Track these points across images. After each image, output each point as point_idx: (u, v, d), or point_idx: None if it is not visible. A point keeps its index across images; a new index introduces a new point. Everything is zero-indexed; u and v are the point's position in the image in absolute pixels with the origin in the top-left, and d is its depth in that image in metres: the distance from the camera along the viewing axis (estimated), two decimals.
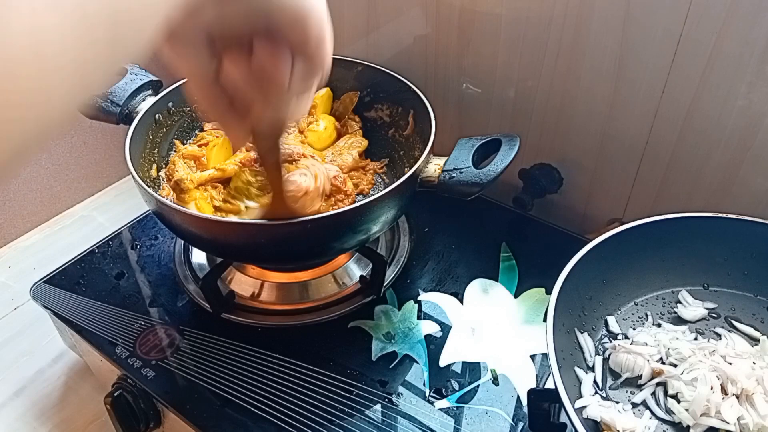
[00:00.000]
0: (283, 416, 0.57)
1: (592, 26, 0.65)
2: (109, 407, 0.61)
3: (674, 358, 0.55)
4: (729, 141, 0.64)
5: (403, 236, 0.76)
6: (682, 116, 0.65)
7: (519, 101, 0.77)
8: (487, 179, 0.58)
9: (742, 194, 0.66)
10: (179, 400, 0.59)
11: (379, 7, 0.81)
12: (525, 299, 0.69)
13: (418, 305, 0.68)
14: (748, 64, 0.59)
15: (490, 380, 0.60)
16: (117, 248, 0.77)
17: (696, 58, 0.61)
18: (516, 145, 0.61)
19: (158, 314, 0.68)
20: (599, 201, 0.78)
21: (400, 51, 0.83)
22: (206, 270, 0.71)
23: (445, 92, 0.82)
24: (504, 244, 0.75)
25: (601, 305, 0.60)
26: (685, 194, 0.70)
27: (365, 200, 0.56)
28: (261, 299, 0.69)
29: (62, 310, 0.69)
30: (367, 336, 0.65)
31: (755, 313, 0.60)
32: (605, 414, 0.50)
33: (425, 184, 0.61)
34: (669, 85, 0.64)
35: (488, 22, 0.73)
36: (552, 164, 0.78)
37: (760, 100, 0.60)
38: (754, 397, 0.50)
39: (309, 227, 0.55)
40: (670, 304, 0.61)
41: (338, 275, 0.70)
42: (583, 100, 0.71)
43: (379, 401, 0.59)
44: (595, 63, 0.68)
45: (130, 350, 0.64)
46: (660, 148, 0.69)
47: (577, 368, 0.55)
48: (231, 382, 0.60)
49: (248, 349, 0.63)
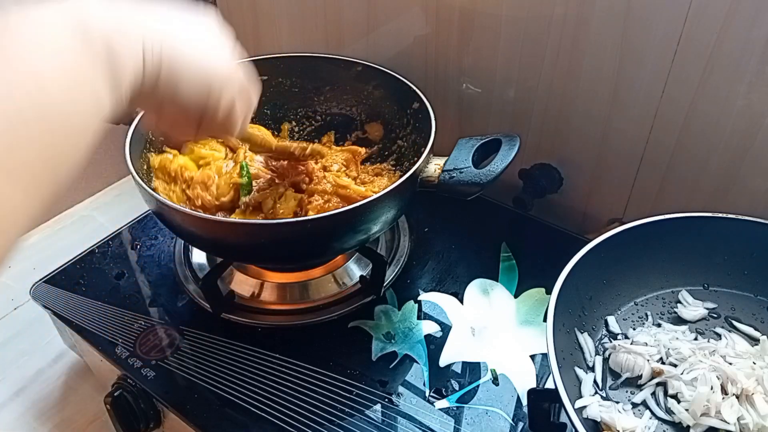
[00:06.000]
0: (283, 416, 0.57)
1: (592, 26, 0.65)
2: (109, 407, 0.61)
3: (674, 358, 0.55)
4: (729, 141, 0.64)
5: (403, 236, 0.76)
6: (682, 116, 0.65)
7: (519, 101, 0.77)
8: (487, 179, 0.58)
9: (742, 194, 0.66)
10: (179, 400, 0.59)
11: (379, 7, 0.81)
12: (525, 299, 0.69)
13: (418, 305, 0.68)
14: (748, 64, 0.59)
15: (490, 380, 0.60)
16: (117, 248, 0.77)
17: (696, 59, 0.61)
18: (516, 145, 0.61)
19: (158, 314, 0.68)
20: (599, 201, 0.78)
21: (400, 51, 0.83)
22: (206, 270, 0.71)
23: (445, 92, 0.82)
24: (504, 244, 0.75)
25: (601, 305, 0.60)
26: (685, 194, 0.70)
27: (365, 200, 0.56)
28: (261, 299, 0.69)
29: (62, 310, 0.69)
30: (367, 336, 0.65)
31: (755, 313, 0.60)
32: (605, 414, 0.50)
33: (425, 184, 0.61)
34: (669, 85, 0.64)
35: (488, 22, 0.73)
36: (552, 164, 0.78)
37: (760, 101, 0.60)
38: (754, 397, 0.50)
39: (309, 227, 0.55)
40: (670, 304, 0.61)
41: (338, 275, 0.70)
42: (583, 100, 0.71)
43: (379, 401, 0.59)
44: (595, 63, 0.68)
45: (130, 350, 0.64)
46: (660, 148, 0.69)
47: (577, 368, 0.55)
48: (231, 382, 0.60)
49: (248, 349, 0.63)
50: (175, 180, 0.67)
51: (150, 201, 0.59)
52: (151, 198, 0.57)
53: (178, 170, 0.67)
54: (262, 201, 0.65)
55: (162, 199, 0.57)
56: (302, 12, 0.89)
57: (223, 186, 0.66)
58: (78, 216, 1.02)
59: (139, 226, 0.80)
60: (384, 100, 0.76)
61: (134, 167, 0.61)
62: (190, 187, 0.66)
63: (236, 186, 0.66)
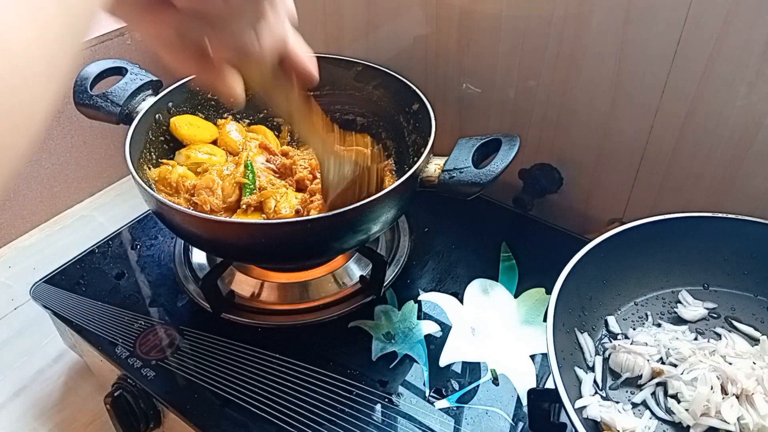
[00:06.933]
0: (283, 416, 0.57)
1: (593, 26, 0.65)
2: (109, 407, 0.61)
3: (674, 358, 0.55)
4: (729, 141, 0.64)
5: (403, 236, 0.76)
6: (683, 116, 0.65)
7: (519, 101, 0.77)
8: (487, 179, 0.58)
9: (743, 194, 0.66)
10: (179, 400, 0.59)
11: (379, 7, 0.81)
12: (525, 299, 0.69)
13: (418, 305, 0.68)
14: (748, 64, 0.59)
15: (490, 380, 0.60)
16: (117, 248, 0.77)
17: (696, 58, 0.61)
18: (516, 144, 0.61)
19: (158, 314, 0.68)
20: (599, 201, 0.78)
21: (400, 51, 0.83)
22: (206, 270, 0.71)
23: (445, 92, 0.82)
24: (504, 244, 0.75)
25: (601, 305, 0.60)
26: (686, 194, 0.70)
27: (365, 200, 0.56)
28: (261, 299, 0.69)
29: (62, 310, 0.69)
30: (367, 336, 0.65)
31: (755, 313, 0.60)
32: (605, 414, 0.50)
33: (425, 184, 0.61)
34: (669, 85, 0.64)
35: (488, 22, 0.73)
36: (552, 164, 0.78)
37: (760, 100, 0.60)
38: (754, 397, 0.50)
39: (309, 227, 0.55)
40: (670, 304, 0.61)
41: (338, 275, 0.70)
42: (583, 100, 0.71)
43: (379, 401, 0.59)
44: (595, 63, 0.68)
45: (130, 350, 0.64)
46: (660, 149, 0.69)
47: (577, 368, 0.55)
48: (231, 382, 0.60)
49: (248, 349, 0.63)
50: (177, 191, 0.67)
51: (150, 201, 0.59)
52: (151, 198, 0.57)
53: (179, 180, 0.67)
54: (264, 201, 0.65)
55: (162, 199, 0.57)
56: (302, 12, 0.88)
57: (228, 188, 0.66)
58: (78, 216, 1.02)
59: (139, 226, 0.80)
60: (384, 100, 0.76)
61: (134, 167, 0.61)
62: (195, 194, 0.66)
63: (240, 185, 0.66)
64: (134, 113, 0.68)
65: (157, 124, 0.70)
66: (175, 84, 0.72)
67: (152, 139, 0.69)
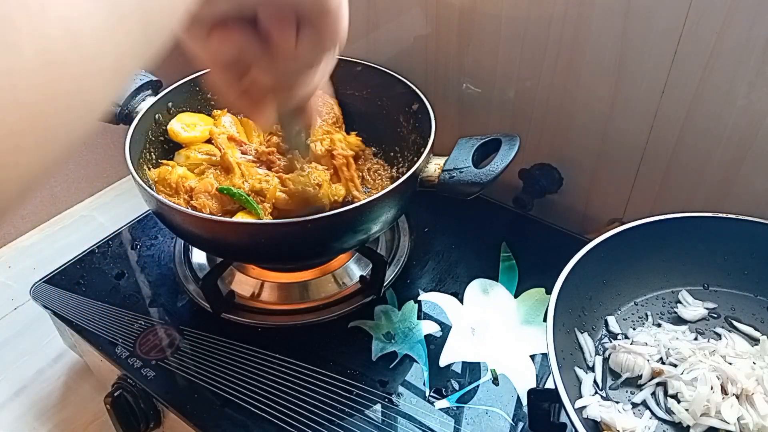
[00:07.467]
0: (283, 416, 0.57)
1: (592, 26, 0.65)
2: (109, 407, 0.61)
3: (674, 358, 0.55)
4: (729, 141, 0.64)
5: (403, 236, 0.76)
6: (683, 116, 0.65)
7: (519, 101, 0.77)
8: (487, 179, 0.58)
9: (742, 194, 0.66)
10: (179, 400, 0.59)
11: (379, 7, 0.81)
12: (525, 299, 0.69)
13: (418, 305, 0.68)
14: (748, 64, 0.59)
15: (490, 380, 0.60)
16: (117, 248, 0.77)
17: (696, 58, 0.61)
18: (516, 144, 0.61)
19: (158, 314, 0.68)
20: (599, 201, 0.78)
21: (400, 51, 0.83)
22: (206, 270, 0.71)
23: (445, 92, 0.82)
24: (504, 244, 0.75)
25: (601, 305, 0.60)
26: (685, 194, 0.70)
27: (365, 200, 0.56)
28: (261, 299, 0.69)
29: (62, 310, 0.69)
30: (367, 336, 0.65)
31: (755, 313, 0.60)
32: (605, 414, 0.50)
33: (425, 184, 0.61)
34: (669, 85, 0.64)
35: (488, 22, 0.73)
36: (552, 164, 0.78)
37: (760, 100, 0.60)
38: (754, 397, 0.50)
39: (309, 227, 0.55)
40: (670, 304, 0.61)
41: (338, 275, 0.70)
42: (583, 100, 0.71)
43: (379, 401, 0.59)
44: (595, 63, 0.68)
45: (130, 350, 0.64)
46: (660, 148, 0.69)
47: (577, 368, 0.55)
48: (231, 382, 0.60)
49: (248, 349, 0.63)
50: (177, 192, 0.66)
51: (150, 201, 0.59)
52: (151, 198, 0.57)
53: (179, 181, 0.66)
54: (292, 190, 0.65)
55: (162, 199, 0.57)
56: None
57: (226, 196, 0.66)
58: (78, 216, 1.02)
59: (139, 226, 0.80)
60: (384, 100, 0.76)
61: (134, 167, 0.61)
62: (194, 198, 0.66)
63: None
64: (134, 113, 0.68)
65: (157, 124, 0.70)
66: (174, 84, 0.72)
67: (152, 139, 0.69)
